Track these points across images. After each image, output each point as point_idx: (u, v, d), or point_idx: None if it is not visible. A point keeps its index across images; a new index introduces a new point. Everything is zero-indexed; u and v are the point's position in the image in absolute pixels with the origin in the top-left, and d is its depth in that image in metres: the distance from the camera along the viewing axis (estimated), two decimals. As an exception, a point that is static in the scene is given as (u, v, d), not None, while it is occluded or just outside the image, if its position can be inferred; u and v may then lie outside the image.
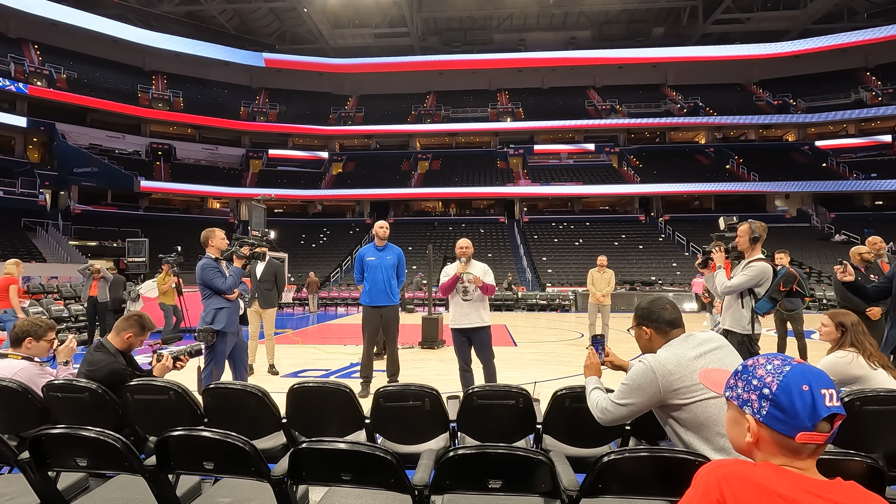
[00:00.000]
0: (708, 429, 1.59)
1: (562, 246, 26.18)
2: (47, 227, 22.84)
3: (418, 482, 1.61)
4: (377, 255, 4.98)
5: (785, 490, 0.79)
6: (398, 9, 30.55)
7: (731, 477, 0.82)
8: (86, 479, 2.12)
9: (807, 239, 24.74)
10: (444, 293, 4.41)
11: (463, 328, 4.28)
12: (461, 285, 4.30)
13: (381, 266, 4.93)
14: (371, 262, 4.96)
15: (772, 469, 0.84)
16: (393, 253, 5.03)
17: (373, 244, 5.06)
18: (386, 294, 4.93)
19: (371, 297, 4.93)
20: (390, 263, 4.97)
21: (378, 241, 5.02)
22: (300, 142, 34.19)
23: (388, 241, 5.08)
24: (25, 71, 25.91)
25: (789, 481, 0.81)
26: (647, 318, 1.86)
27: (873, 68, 31.09)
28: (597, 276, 8.10)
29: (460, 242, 4.39)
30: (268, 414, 2.24)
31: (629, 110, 32.53)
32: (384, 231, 5.03)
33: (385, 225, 5.08)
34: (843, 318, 2.66)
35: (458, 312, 4.30)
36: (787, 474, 0.83)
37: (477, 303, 4.27)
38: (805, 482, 0.82)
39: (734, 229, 3.65)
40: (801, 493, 0.79)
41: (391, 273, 4.97)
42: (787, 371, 0.86)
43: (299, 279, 20.86)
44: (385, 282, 4.92)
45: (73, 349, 2.70)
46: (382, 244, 5.02)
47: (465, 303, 4.27)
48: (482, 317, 4.27)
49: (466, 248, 4.34)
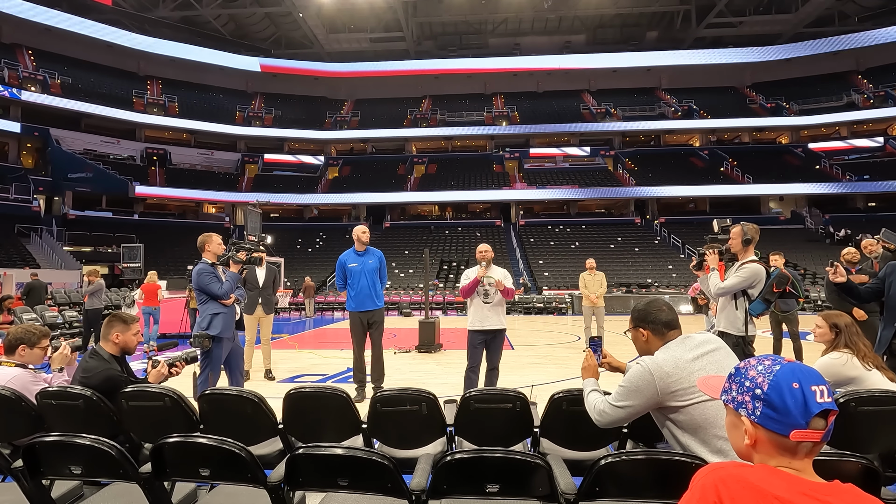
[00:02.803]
0: (705, 431, 1.60)
1: (558, 249, 26.23)
2: (41, 233, 22.71)
3: (416, 487, 1.61)
4: (359, 261, 5.00)
5: (781, 492, 0.79)
6: (393, 13, 30.65)
7: (728, 479, 0.83)
8: (80, 487, 2.10)
9: (801, 240, 24.92)
10: (465, 295, 4.51)
11: (483, 330, 4.38)
12: (482, 288, 4.40)
13: (365, 271, 4.95)
14: (354, 269, 4.97)
15: (768, 471, 0.85)
16: (374, 256, 5.05)
17: (352, 250, 5.07)
18: (371, 298, 4.96)
19: (357, 302, 4.95)
20: (373, 267, 4.99)
21: (359, 245, 5.02)
22: (296, 146, 34.17)
23: (376, 245, 5.13)
24: (19, 76, 25.81)
25: (786, 483, 0.81)
26: (644, 319, 1.86)
27: (864, 71, 31.43)
28: (588, 278, 8.14)
29: (480, 247, 4.52)
30: (264, 420, 2.23)
31: (624, 114, 32.72)
32: (367, 236, 5.04)
33: (364, 230, 5.07)
34: (837, 320, 2.67)
35: (479, 315, 4.41)
36: (784, 476, 0.83)
37: (497, 306, 4.41)
38: (802, 484, 0.82)
39: (727, 231, 3.67)
40: (798, 496, 0.79)
41: (375, 277, 5.00)
42: (776, 370, 0.87)
43: (295, 284, 20.80)
44: (370, 286, 4.95)
45: (66, 356, 2.67)
46: (363, 249, 5.03)
47: (485, 305, 4.39)
48: (501, 320, 4.42)
49: (486, 252, 4.46)
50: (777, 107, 31.42)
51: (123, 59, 31.01)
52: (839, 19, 31.25)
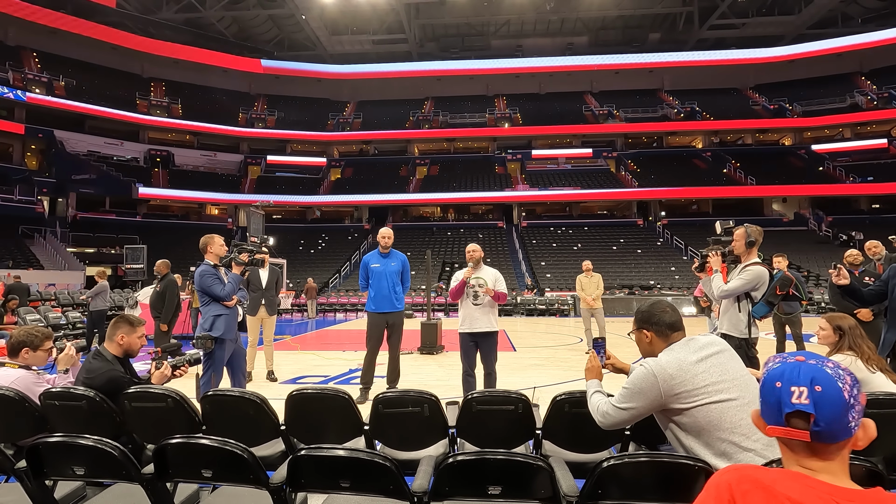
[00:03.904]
0: (709, 433, 1.59)
1: (560, 251, 26.20)
2: (45, 235, 22.80)
3: (417, 489, 1.61)
4: (381, 262, 5.01)
5: (795, 494, 0.79)
6: (396, 15, 30.72)
7: (742, 481, 0.83)
8: (83, 488, 2.10)
9: (804, 242, 24.82)
10: (454, 297, 4.45)
11: (472, 332, 4.31)
12: (470, 289, 4.32)
13: (386, 273, 4.95)
14: (375, 270, 4.98)
15: (786, 474, 0.84)
16: (397, 260, 5.06)
17: (377, 251, 5.09)
18: (390, 301, 4.95)
19: (377, 303, 4.96)
20: (394, 270, 4.99)
21: (382, 248, 5.04)
22: (298, 148, 34.25)
23: (375, 247, 5.12)
24: (24, 78, 25.95)
25: (802, 486, 0.81)
26: (648, 321, 1.86)
27: (868, 72, 31.33)
28: (584, 280, 8.10)
29: (469, 247, 4.44)
30: (266, 421, 2.23)
31: (626, 115, 32.70)
32: (385, 241, 5.04)
33: (388, 234, 5.08)
34: (841, 322, 2.66)
35: (468, 316, 4.33)
36: (802, 479, 0.83)
37: (486, 307, 4.31)
38: (821, 487, 0.81)
39: (731, 233, 3.65)
40: (814, 499, 0.78)
41: (396, 280, 4.99)
42: (775, 367, 0.90)
43: (298, 285, 20.83)
44: (390, 289, 4.94)
45: (72, 356, 2.67)
46: (387, 251, 5.05)
47: (475, 307, 4.31)
48: (491, 322, 4.32)
49: (475, 252, 4.38)
50: (780, 108, 31.34)
51: (127, 62, 31.16)
52: (842, 20, 31.20)
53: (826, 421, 0.83)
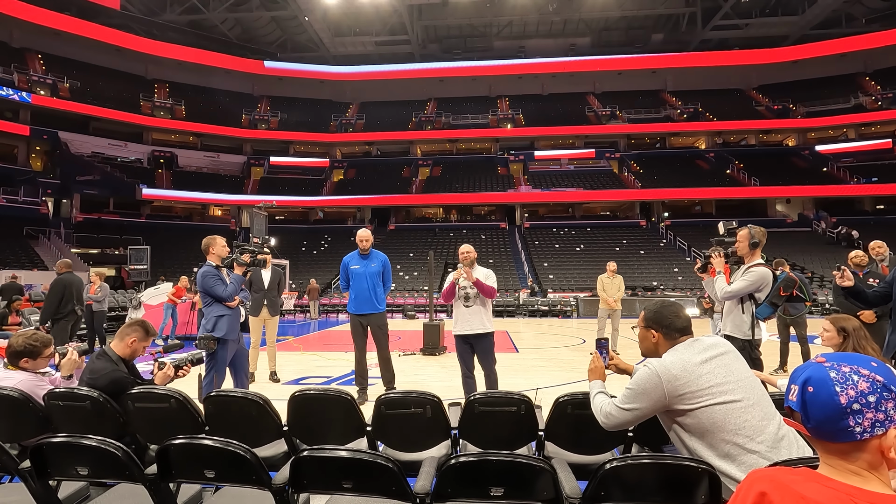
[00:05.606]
0: (713, 435, 1.59)
1: (563, 252, 26.17)
2: (49, 236, 22.90)
3: (420, 490, 1.61)
4: (361, 264, 4.95)
5: (812, 494, 0.78)
6: (398, 17, 30.77)
7: (772, 484, 0.83)
8: (86, 488, 2.11)
9: (808, 243, 24.71)
10: (446, 299, 4.40)
11: (465, 334, 4.25)
12: (461, 291, 4.26)
13: (366, 274, 4.89)
14: (355, 271, 4.93)
15: (805, 474, 0.85)
16: (377, 260, 4.99)
17: (357, 252, 5.02)
18: (370, 302, 4.89)
19: (356, 305, 4.91)
20: (375, 271, 4.93)
21: (361, 250, 4.98)
22: (301, 149, 34.31)
23: (380, 248, 5.09)
24: (29, 80, 26.09)
25: (819, 486, 0.80)
26: (659, 322, 1.84)
27: (872, 73, 31.20)
28: (607, 281, 8.07)
29: (462, 248, 4.37)
30: (269, 422, 2.24)
31: (629, 116, 32.64)
32: (363, 243, 4.96)
33: (366, 236, 4.98)
34: (845, 323, 2.64)
35: (460, 318, 4.28)
36: (821, 479, 0.83)
37: (479, 308, 4.23)
38: (841, 488, 0.80)
39: (734, 234, 3.64)
40: (832, 500, 0.78)
41: (376, 281, 4.93)
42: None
43: (300, 286, 20.85)
44: (370, 290, 4.88)
45: (75, 361, 2.64)
46: (366, 253, 4.98)
47: (466, 309, 4.24)
48: (484, 323, 4.24)
49: (468, 253, 4.31)
50: (784, 109, 31.24)
51: (131, 63, 31.27)
52: (846, 21, 31.07)
53: (816, 421, 0.85)
